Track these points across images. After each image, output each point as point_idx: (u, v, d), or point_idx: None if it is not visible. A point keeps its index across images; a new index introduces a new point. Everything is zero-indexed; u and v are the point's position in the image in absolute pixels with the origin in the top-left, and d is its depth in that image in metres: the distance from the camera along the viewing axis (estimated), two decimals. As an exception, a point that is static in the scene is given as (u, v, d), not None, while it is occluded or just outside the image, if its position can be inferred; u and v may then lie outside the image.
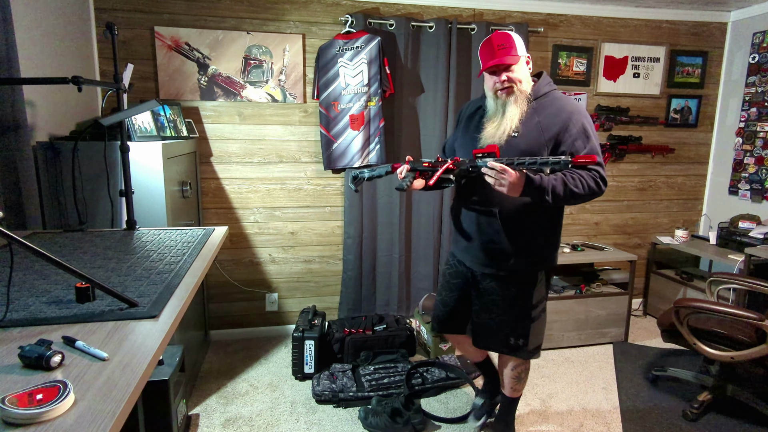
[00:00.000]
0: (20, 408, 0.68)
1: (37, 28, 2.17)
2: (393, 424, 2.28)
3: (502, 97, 1.73)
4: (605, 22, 3.46)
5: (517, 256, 1.83)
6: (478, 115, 1.86)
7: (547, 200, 1.66)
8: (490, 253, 1.86)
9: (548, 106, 1.76)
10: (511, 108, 1.71)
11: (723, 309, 2.24)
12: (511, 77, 1.70)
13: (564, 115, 1.72)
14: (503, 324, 1.90)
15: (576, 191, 1.67)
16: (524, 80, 1.73)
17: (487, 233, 1.84)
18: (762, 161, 3.40)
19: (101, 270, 1.29)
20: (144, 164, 2.13)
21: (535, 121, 1.73)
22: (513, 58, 1.69)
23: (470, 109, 1.94)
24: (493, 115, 1.76)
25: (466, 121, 1.92)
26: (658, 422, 2.41)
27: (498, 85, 1.72)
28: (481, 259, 1.89)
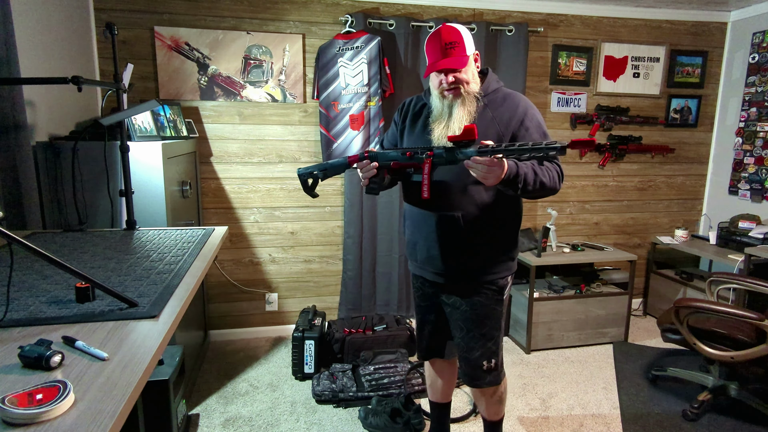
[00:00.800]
0: (20, 408, 0.68)
1: (37, 28, 2.17)
2: (393, 424, 2.28)
3: (448, 98, 1.60)
4: (605, 21, 3.46)
5: (484, 263, 1.69)
6: (424, 114, 1.71)
7: (518, 189, 1.50)
8: (454, 264, 1.69)
9: (500, 101, 1.65)
10: (458, 110, 1.59)
11: (723, 309, 2.24)
12: (459, 77, 1.57)
13: (519, 110, 1.62)
14: (474, 344, 1.74)
15: (545, 182, 1.53)
16: (472, 80, 1.61)
17: (449, 241, 1.67)
18: (762, 161, 3.40)
19: (101, 270, 1.29)
20: (144, 164, 2.13)
21: (488, 116, 1.62)
22: (461, 61, 1.55)
23: (414, 107, 1.78)
24: (439, 115, 1.63)
25: (411, 119, 1.76)
26: (658, 422, 2.41)
27: (444, 85, 1.58)
28: (443, 272, 1.72)
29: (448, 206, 1.64)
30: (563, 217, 3.67)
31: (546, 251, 3.32)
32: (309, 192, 1.66)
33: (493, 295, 1.72)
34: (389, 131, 1.90)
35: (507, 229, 1.71)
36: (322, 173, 1.62)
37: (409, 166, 1.53)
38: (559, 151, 1.29)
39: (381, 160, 1.56)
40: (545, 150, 1.30)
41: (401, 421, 2.28)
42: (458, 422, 2.38)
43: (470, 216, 1.63)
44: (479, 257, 1.68)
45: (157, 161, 2.15)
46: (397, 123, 1.84)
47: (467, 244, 1.66)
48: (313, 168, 1.63)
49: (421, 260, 1.76)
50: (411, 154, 1.51)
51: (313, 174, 1.63)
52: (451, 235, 1.66)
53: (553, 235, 3.37)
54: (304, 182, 1.64)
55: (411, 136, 1.73)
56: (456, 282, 1.72)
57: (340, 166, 1.63)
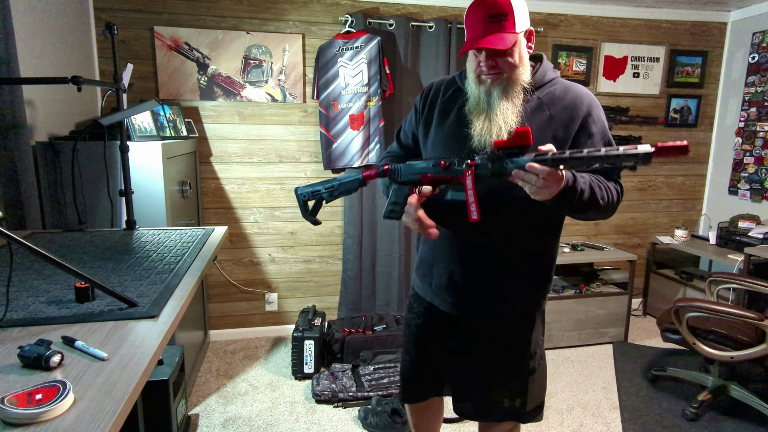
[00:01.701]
0: (20, 408, 0.68)
1: (36, 27, 2.17)
2: (393, 424, 2.28)
3: (486, 83, 1.25)
4: (605, 21, 3.46)
5: (516, 294, 1.39)
6: (458, 104, 1.34)
7: (571, 207, 1.20)
8: (480, 294, 1.39)
9: (560, 96, 1.29)
10: (500, 101, 1.24)
11: (723, 309, 2.24)
12: (501, 61, 1.23)
13: (583, 108, 1.28)
14: (495, 383, 1.45)
15: (601, 204, 1.22)
16: (519, 64, 1.25)
17: (479, 266, 1.36)
18: (762, 161, 3.40)
19: (101, 270, 1.29)
20: (144, 164, 2.13)
21: (545, 115, 1.27)
22: (507, 40, 1.19)
23: (445, 92, 1.41)
24: (476, 106, 1.28)
25: (442, 108, 1.38)
26: (657, 422, 2.41)
27: (483, 68, 1.24)
28: (466, 302, 1.41)
29: (483, 225, 1.26)
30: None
31: (546, 251, 3.32)
32: (309, 217, 1.29)
33: (521, 330, 1.43)
34: (406, 122, 1.52)
35: (548, 255, 1.42)
36: (328, 193, 1.26)
37: (445, 180, 1.19)
38: (642, 161, 0.96)
39: (406, 175, 1.24)
40: (623, 159, 0.98)
41: (401, 421, 2.28)
42: (453, 423, 2.38)
43: (509, 238, 1.32)
44: (513, 288, 1.38)
45: (156, 161, 2.15)
46: (419, 111, 1.45)
47: (502, 272, 1.35)
48: (317, 187, 1.26)
49: (438, 286, 1.44)
50: (447, 165, 1.17)
51: (316, 194, 1.27)
52: (483, 261, 1.35)
53: (553, 235, 3.36)
54: (302, 204, 1.29)
55: (441, 131, 1.36)
56: (479, 316, 1.43)
57: (351, 183, 1.27)
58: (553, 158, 1.04)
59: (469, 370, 1.48)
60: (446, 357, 1.52)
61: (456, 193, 1.18)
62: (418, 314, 1.55)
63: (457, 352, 1.49)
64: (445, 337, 1.50)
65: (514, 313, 1.42)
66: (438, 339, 1.51)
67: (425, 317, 1.52)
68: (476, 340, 1.45)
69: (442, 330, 1.49)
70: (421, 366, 1.57)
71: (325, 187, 1.27)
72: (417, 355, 1.56)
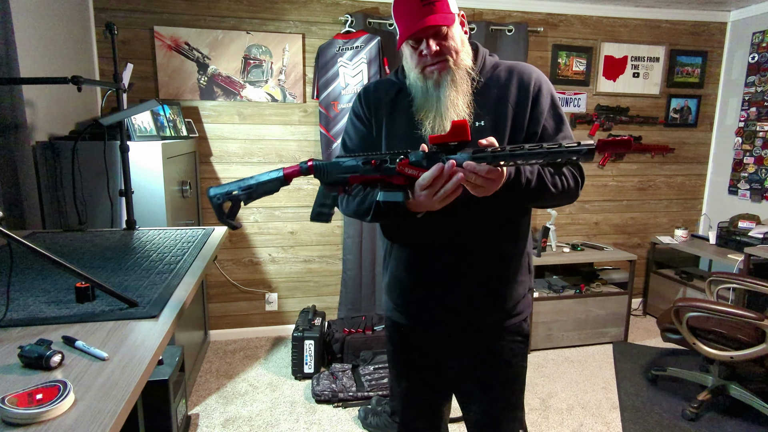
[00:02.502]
0: (20, 408, 0.68)
1: (36, 27, 2.17)
2: (393, 423, 2.28)
3: (432, 77, 1.15)
4: (605, 21, 3.46)
5: (505, 303, 1.28)
6: (404, 104, 1.22)
7: (518, 200, 1.16)
8: (471, 311, 1.26)
9: (506, 77, 1.21)
10: (449, 92, 1.14)
11: (723, 309, 2.24)
12: (445, 46, 1.13)
13: (531, 83, 1.20)
14: (503, 414, 1.33)
15: (553, 191, 1.14)
16: (462, 48, 1.16)
17: (461, 280, 1.24)
18: (761, 161, 3.40)
19: (101, 270, 1.29)
20: (144, 164, 2.13)
21: (494, 98, 1.18)
22: (449, 18, 1.11)
23: (387, 94, 1.26)
24: (423, 102, 1.17)
25: (389, 112, 1.25)
26: (657, 422, 2.41)
27: (427, 58, 1.13)
28: (455, 324, 1.28)
29: (453, 233, 1.19)
30: (563, 216, 3.67)
31: (546, 251, 3.32)
32: (225, 221, 1.11)
33: (519, 348, 1.31)
34: (349, 136, 1.32)
35: (521, 250, 1.30)
36: (245, 194, 1.10)
37: (376, 180, 1.07)
38: (585, 156, 0.93)
39: (333, 173, 1.09)
40: (565, 154, 0.93)
41: (401, 421, 2.29)
42: (457, 422, 2.38)
43: (484, 241, 1.23)
44: (500, 296, 1.27)
45: (156, 161, 2.15)
46: (364, 120, 1.28)
47: (486, 279, 1.24)
48: (231, 187, 1.10)
49: (420, 311, 1.29)
50: (377, 163, 1.05)
51: (231, 196, 1.11)
52: (463, 272, 1.23)
53: (553, 234, 3.37)
54: (217, 208, 1.11)
55: (394, 137, 1.23)
56: (473, 336, 1.29)
57: (271, 183, 1.10)
58: (493, 154, 0.96)
59: (473, 407, 1.34)
60: (440, 387, 1.39)
61: (388, 194, 1.05)
62: (399, 344, 1.38)
63: (456, 376, 1.35)
64: (432, 366, 1.36)
65: (510, 330, 1.30)
66: (426, 367, 1.36)
67: (408, 345, 1.36)
68: (475, 377, 1.32)
69: (432, 358, 1.35)
70: (410, 398, 1.40)
71: (241, 187, 1.10)
72: (408, 387, 1.39)
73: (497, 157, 0.96)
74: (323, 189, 1.13)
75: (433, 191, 0.99)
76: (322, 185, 1.12)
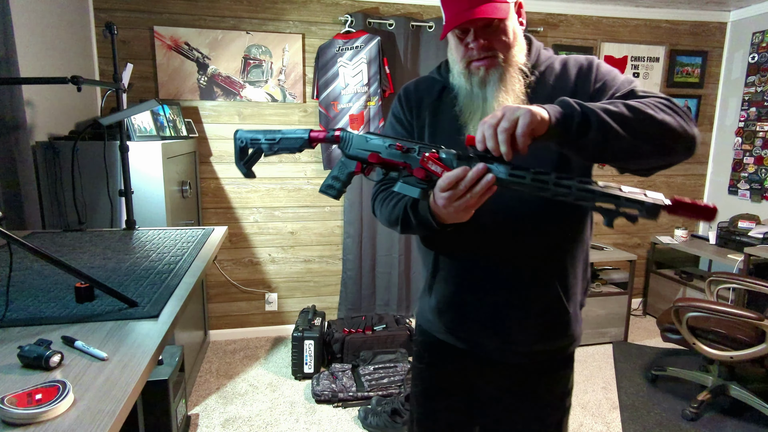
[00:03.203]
0: (19, 408, 0.68)
1: (36, 27, 2.17)
2: (393, 423, 2.28)
3: (478, 73, 1.02)
4: (605, 21, 3.46)
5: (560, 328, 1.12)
6: (447, 104, 1.10)
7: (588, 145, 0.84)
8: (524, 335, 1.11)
9: (560, 69, 1.10)
10: (498, 92, 1.02)
11: (722, 309, 2.24)
12: (494, 40, 1.00)
13: (584, 67, 1.08)
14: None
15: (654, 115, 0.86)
16: (515, 43, 1.03)
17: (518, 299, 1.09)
18: (761, 161, 3.40)
19: (100, 270, 1.29)
20: (143, 164, 2.13)
21: (547, 93, 1.04)
22: (502, 9, 0.97)
23: (429, 94, 1.15)
24: (468, 103, 1.05)
25: (432, 112, 1.14)
26: (657, 422, 2.41)
27: (473, 53, 1.01)
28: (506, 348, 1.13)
29: (514, 248, 1.05)
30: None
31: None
32: (243, 166, 1.09)
33: (565, 382, 1.18)
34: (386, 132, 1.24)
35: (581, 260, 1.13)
36: (267, 145, 1.07)
37: (396, 165, 0.98)
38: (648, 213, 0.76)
39: (356, 147, 1.01)
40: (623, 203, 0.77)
41: (401, 421, 2.28)
42: None
43: (543, 255, 1.07)
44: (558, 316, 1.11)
45: (156, 161, 2.15)
46: (404, 121, 1.18)
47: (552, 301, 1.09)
48: (257, 135, 1.08)
49: (476, 332, 1.14)
50: (404, 149, 0.96)
51: (255, 142, 1.08)
52: (521, 285, 1.08)
53: (553, 234, 3.36)
54: (239, 150, 1.09)
55: (436, 139, 1.11)
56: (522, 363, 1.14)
57: (295, 141, 1.05)
58: (534, 177, 0.82)
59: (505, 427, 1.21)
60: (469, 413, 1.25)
61: (405, 186, 0.95)
62: (430, 363, 1.25)
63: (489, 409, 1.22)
64: (468, 388, 1.21)
65: (562, 361, 1.16)
66: (458, 387, 1.22)
67: (447, 364, 1.22)
68: (519, 391, 1.18)
69: (465, 378, 1.20)
70: (439, 420, 1.27)
71: (266, 137, 1.07)
72: (428, 410, 1.27)
73: (537, 181, 0.82)
74: (342, 162, 1.05)
75: (454, 196, 0.87)
76: (343, 155, 1.05)
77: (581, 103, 0.84)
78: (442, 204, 0.89)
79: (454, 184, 0.86)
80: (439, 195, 0.89)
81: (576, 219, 1.09)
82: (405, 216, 1.04)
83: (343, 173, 1.04)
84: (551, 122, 0.81)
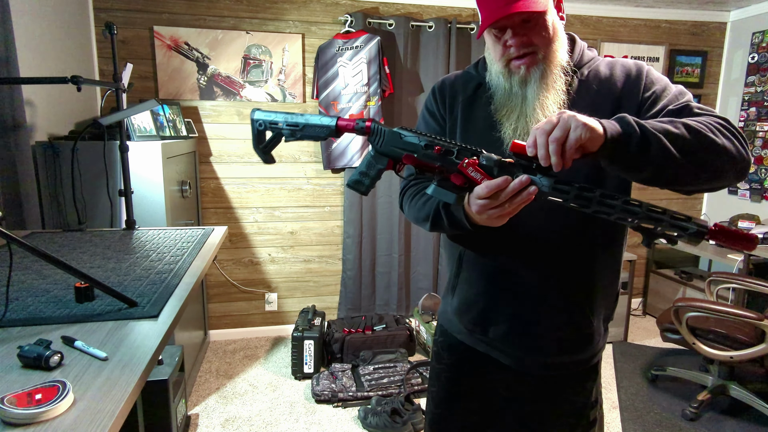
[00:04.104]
0: (19, 408, 0.68)
1: (36, 27, 2.16)
2: (392, 423, 2.28)
3: (519, 72, 0.98)
4: (605, 21, 3.46)
5: (588, 337, 1.09)
6: (482, 100, 1.07)
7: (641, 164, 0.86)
8: (553, 341, 1.08)
9: (606, 72, 1.03)
10: (536, 89, 0.97)
11: (722, 309, 2.24)
12: (534, 36, 0.96)
13: (633, 73, 1.01)
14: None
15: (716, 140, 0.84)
16: (555, 40, 1.00)
17: (547, 304, 1.06)
18: (761, 161, 3.40)
19: (100, 270, 1.29)
20: (143, 164, 2.13)
21: (592, 93, 1.00)
22: (536, 2, 0.93)
23: (465, 89, 1.12)
24: (506, 101, 1.01)
25: (465, 108, 1.10)
26: (657, 422, 2.41)
27: (511, 51, 0.97)
28: (533, 353, 1.10)
29: (542, 251, 1.03)
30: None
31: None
32: (262, 151, 1.02)
33: (587, 394, 1.15)
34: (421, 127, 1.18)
35: (613, 271, 1.10)
36: (289, 131, 0.98)
37: (432, 168, 0.91)
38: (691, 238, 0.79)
39: (388, 144, 0.94)
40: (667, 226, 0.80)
41: (401, 421, 2.29)
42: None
43: (571, 267, 1.05)
44: (590, 333, 1.08)
45: (156, 161, 2.15)
46: (438, 117, 1.15)
47: (579, 309, 1.06)
48: (277, 117, 0.98)
49: (496, 336, 1.10)
50: (441, 151, 0.90)
51: (275, 126, 0.99)
52: (551, 299, 1.05)
53: (553, 234, 3.36)
54: (257, 134, 1.01)
55: (469, 138, 1.06)
56: (541, 373, 1.11)
57: (321, 129, 0.97)
58: (578, 194, 0.81)
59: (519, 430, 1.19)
60: (485, 415, 1.21)
61: (440, 190, 0.91)
62: (451, 366, 1.21)
63: (500, 409, 1.19)
64: (491, 395, 1.18)
65: (586, 368, 1.13)
66: (480, 395, 1.19)
67: (473, 370, 1.18)
68: (541, 401, 1.14)
69: (490, 386, 1.17)
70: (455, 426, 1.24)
71: (288, 122, 0.98)
72: (449, 416, 1.24)
73: (581, 198, 0.82)
74: (371, 156, 0.98)
75: (492, 204, 0.84)
76: (373, 150, 0.97)
77: (640, 123, 0.81)
78: (477, 210, 0.87)
79: (495, 193, 0.83)
80: (476, 202, 0.86)
81: (610, 234, 1.06)
82: (436, 215, 1.01)
83: (373, 169, 0.97)
84: (606, 139, 0.78)
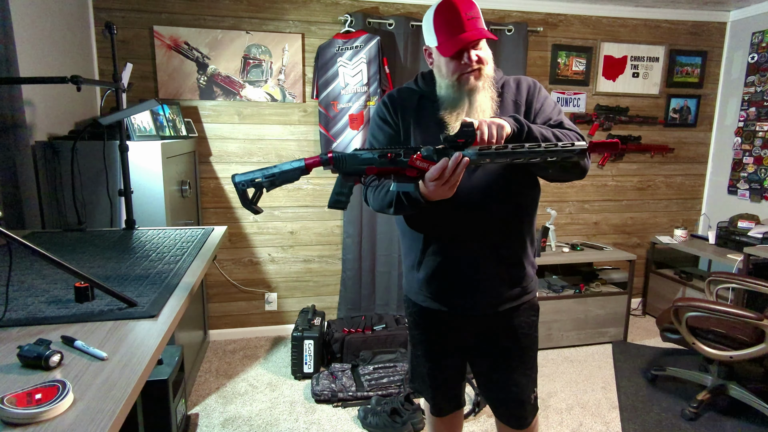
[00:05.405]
0: (19, 408, 0.68)
1: (36, 27, 2.16)
2: (392, 423, 2.28)
3: (468, 83, 1.27)
4: (604, 21, 3.46)
5: (522, 281, 1.43)
6: (428, 109, 1.36)
7: None
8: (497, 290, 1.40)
9: (513, 85, 1.40)
10: (480, 96, 1.29)
11: (722, 308, 2.24)
12: (482, 57, 1.27)
13: (531, 88, 1.39)
14: (522, 380, 1.46)
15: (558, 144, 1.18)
16: (491, 60, 1.32)
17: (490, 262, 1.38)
18: (761, 161, 3.40)
19: (100, 270, 1.29)
20: (143, 164, 2.13)
21: (509, 100, 1.36)
22: (488, 31, 1.26)
23: (410, 101, 1.40)
24: (453, 106, 1.30)
25: (416, 116, 1.38)
26: (657, 422, 2.41)
27: (466, 67, 1.26)
28: (483, 304, 1.41)
29: (483, 224, 1.35)
30: (562, 216, 3.67)
31: (545, 251, 3.32)
32: (249, 206, 1.22)
33: (533, 321, 1.47)
34: (376, 139, 1.43)
35: (533, 235, 1.46)
36: (268, 182, 1.19)
37: (390, 171, 1.19)
38: (578, 156, 1.12)
39: (351, 165, 1.19)
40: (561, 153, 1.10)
41: (401, 421, 2.29)
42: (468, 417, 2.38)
43: (507, 230, 1.38)
44: (518, 274, 1.42)
45: (156, 161, 2.15)
46: (391, 123, 1.41)
47: (510, 263, 1.40)
48: (255, 175, 1.20)
49: (456, 298, 1.42)
50: (393, 156, 1.17)
51: (255, 183, 1.20)
52: (491, 258, 1.37)
53: (553, 234, 3.37)
54: (242, 194, 1.21)
55: (423, 135, 1.36)
56: (497, 314, 1.42)
57: (293, 172, 1.21)
58: (497, 152, 1.11)
59: (494, 375, 1.48)
60: (462, 365, 1.57)
61: (401, 184, 1.19)
62: (421, 326, 1.52)
63: (483, 356, 1.50)
64: (457, 346, 1.51)
65: (525, 306, 1.45)
66: (451, 348, 1.52)
67: (442, 324, 1.49)
68: (499, 348, 1.46)
69: (457, 337, 1.49)
70: (438, 377, 1.57)
71: (265, 175, 1.20)
72: (432, 369, 1.55)
73: (500, 154, 1.11)
74: (341, 178, 1.22)
75: (441, 181, 1.12)
76: (340, 175, 1.22)
77: (528, 123, 1.21)
78: (432, 189, 1.15)
79: (441, 172, 1.11)
80: (429, 183, 1.15)
81: (528, 194, 1.40)
82: (398, 201, 1.27)
83: (345, 187, 1.23)
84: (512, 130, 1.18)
